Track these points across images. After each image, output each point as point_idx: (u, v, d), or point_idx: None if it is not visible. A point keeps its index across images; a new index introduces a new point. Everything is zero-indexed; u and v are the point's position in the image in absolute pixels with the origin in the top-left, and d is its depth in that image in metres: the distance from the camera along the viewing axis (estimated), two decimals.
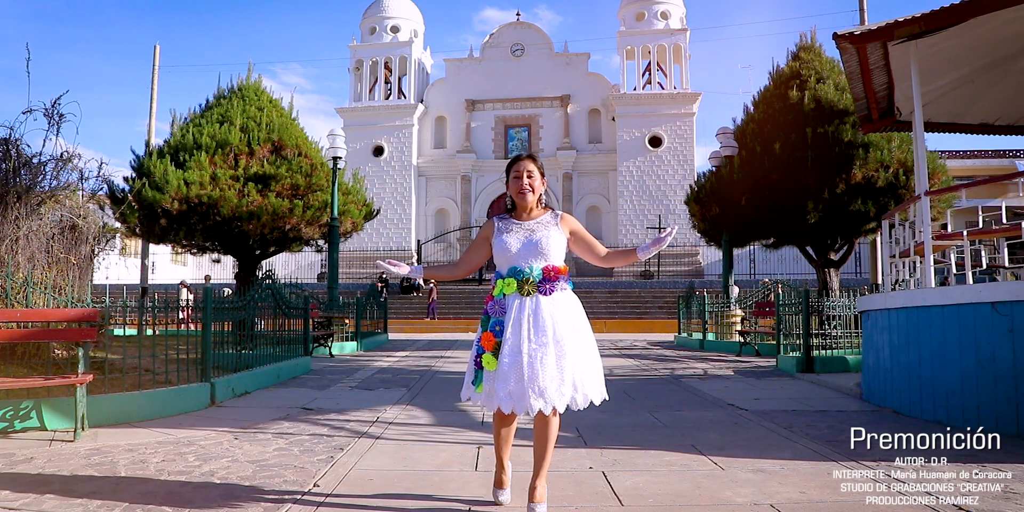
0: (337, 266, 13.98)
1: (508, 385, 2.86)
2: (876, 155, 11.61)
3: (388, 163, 35.49)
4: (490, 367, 2.92)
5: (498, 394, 2.89)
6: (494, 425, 3.12)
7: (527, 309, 2.93)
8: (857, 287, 12.50)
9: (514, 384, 2.85)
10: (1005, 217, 6.77)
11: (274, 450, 4.30)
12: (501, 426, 3.08)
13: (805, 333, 8.88)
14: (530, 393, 2.82)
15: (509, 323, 2.93)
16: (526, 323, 2.91)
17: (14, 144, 6.28)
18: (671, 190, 33.12)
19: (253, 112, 13.52)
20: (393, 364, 10.35)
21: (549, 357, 2.86)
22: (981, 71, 6.98)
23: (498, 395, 2.89)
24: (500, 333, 2.94)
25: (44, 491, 3.32)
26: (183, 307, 6.61)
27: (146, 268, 21.66)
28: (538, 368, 2.83)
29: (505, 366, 2.87)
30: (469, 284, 26.79)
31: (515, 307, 2.95)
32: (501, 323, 2.96)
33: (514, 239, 3.03)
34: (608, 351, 12.70)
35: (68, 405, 4.78)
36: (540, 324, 2.90)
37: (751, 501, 3.21)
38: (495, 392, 2.90)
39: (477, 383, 2.98)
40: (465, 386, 3.07)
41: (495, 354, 2.92)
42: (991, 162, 30.52)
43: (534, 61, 35.92)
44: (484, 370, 2.95)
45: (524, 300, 2.95)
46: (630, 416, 5.65)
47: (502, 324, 2.95)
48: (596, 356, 3.02)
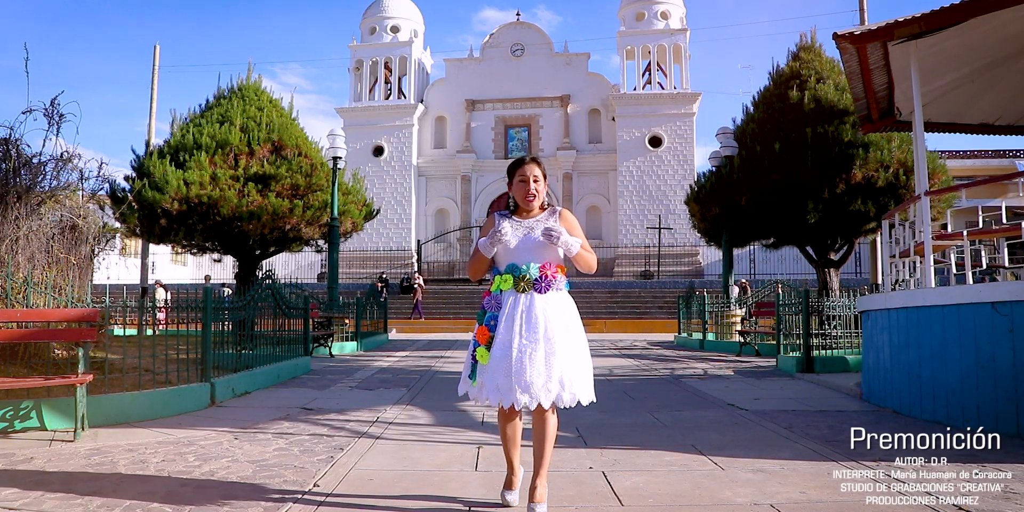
0: (337, 266, 13.99)
1: (497, 378, 2.93)
2: (876, 155, 11.61)
3: (388, 163, 35.48)
4: (483, 360, 2.99)
5: (487, 387, 2.96)
6: (499, 424, 3.14)
7: (521, 305, 2.99)
8: (857, 287, 12.50)
9: (502, 378, 2.92)
10: (1005, 217, 6.76)
11: (274, 450, 4.30)
12: (505, 424, 3.10)
13: (805, 333, 8.88)
14: (516, 387, 2.88)
15: (503, 318, 2.99)
16: (519, 319, 2.96)
17: (14, 144, 6.29)
18: (671, 190, 33.11)
19: (253, 112, 13.52)
20: (393, 364, 10.35)
21: (538, 353, 2.91)
22: (981, 71, 6.98)
23: (487, 387, 2.96)
24: (495, 327, 3.01)
25: (44, 491, 3.32)
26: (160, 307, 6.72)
27: (146, 268, 21.65)
28: (526, 363, 2.89)
29: (495, 360, 2.94)
30: (468, 284, 26.79)
31: (510, 303, 3.01)
32: (496, 318, 3.02)
33: (513, 237, 3.06)
34: (608, 351, 12.70)
35: (68, 405, 4.78)
36: (532, 321, 2.96)
37: (751, 501, 3.21)
38: (484, 384, 2.97)
39: (473, 377, 3.03)
40: (463, 380, 3.12)
41: (488, 348, 2.99)
42: (991, 162, 30.52)
43: (534, 61, 35.91)
44: (478, 363, 3.01)
45: (519, 297, 3.01)
46: (630, 416, 5.65)
47: (497, 319, 3.02)
48: (587, 358, 3.06)
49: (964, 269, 6.35)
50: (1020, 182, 25.44)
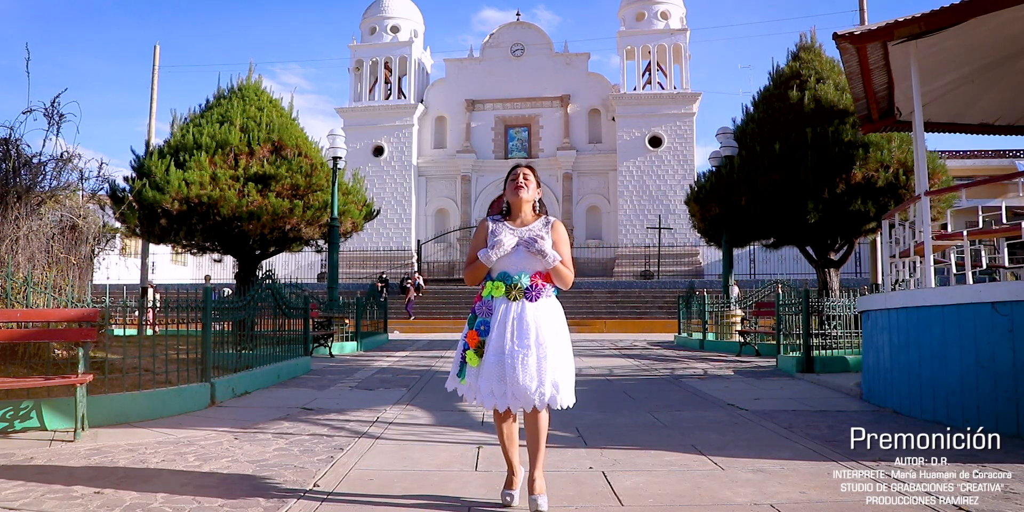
0: (337, 266, 13.99)
1: (491, 383, 3.03)
2: (876, 155, 11.61)
3: (388, 163, 35.47)
4: (472, 363, 3.10)
5: (481, 391, 3.07)
6: (496, 425, 3.21)
7: (512, 313, 3.08)
8: (857, 287, 12.49)
9: (496, 383, 3.02)
10: (1005, 217, 6.76)
11: (274, 450, 4.30)
12: (501, 424, 3.18)
13: (805, 333, 8.88)
14: (510, 392, 3.00)
15: (495, 325, 3.08)
16: (510, 326, 3.06)
17: (14, 144, 6.28)
18: (671, 190, 33.10)
19: (253, 112, 13.52)
20: (393, 364, 10.35)
21: (530, 359, 3.00)
22: (981, 71, 6.98)
23: (481, 392, 3.07)
24: (484, 332, 3.10)
25: (44, 491, 3.32)
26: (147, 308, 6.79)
27: (146, 268, 21.65)
28: (519, 369, 2.98)
29: (489, 365, 3.04)
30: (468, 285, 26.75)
31: (501, 310, 3.10)
32: (487, 323, 3.11)
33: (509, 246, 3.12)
34: (608, 351, 12.70)
35: (68, 405, 4.78)
36: (524, 328, 3.05)
37: (751, 501, 3.21)
38: (478, 388, 3.08)
39: (461, 375, 3.14)
40: (451, 377, 3.25)
41: (477, 351, 3.09)
42: (991, 162, 30.52)
43: (534, 61, 35.91)
44: (467, 365, 3.12)
45: (511, 304, 3.10)
46: (630, 416, 5.65)
47: (487, 324, 3.11)
48: (571, 363, 3.16)
49: (964, 269, 6.35)
50: (1020, 182, 25.44)
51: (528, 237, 3.10)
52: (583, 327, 20.46)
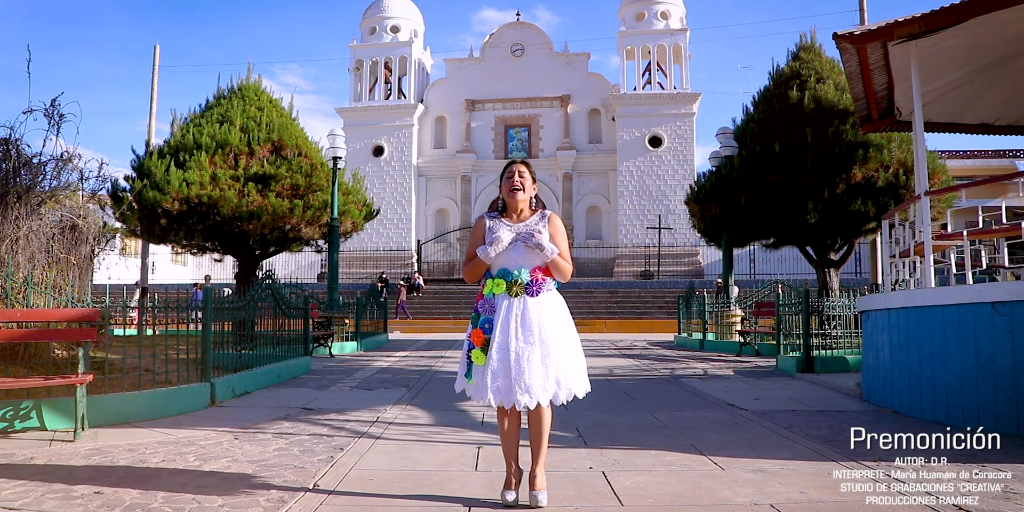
0: (337, 266, 13.99)
1: (497, 381, 3.03)
2: (876, 155, 11.61)
3: (388, 163, 35.47)
4: (479, 362, 3.10)
5: (488, 388, 3.05)
6: (499, 424, 3.22)
7: (515, 310, 3.09)
8: (857, 287, 12.49)
9: (502, 380, 3.03)
10: (1005, 217, 6.75)
11: (274, 450, 4.30)
12: (504, 423, 3.18)
13: (805, 333, 8.88)
14: (516, 389, 3.00)
15: (498, 323, 3.08)
16: (514, 323, 3.06)
17: (14, 144, 6.29)
18: (671, 190, 33.10)
19: (253, 112, 13.52)
20: (393, 364, 10.35)
21: (535, 355, 3.01)
22: (981, 71, 6.98)
23: (488, 389, 3.05)
24: (488, 330, 3.11)
25: (44, 491, 3.32)
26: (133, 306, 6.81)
27: (146, 268, 21.65)
28: (524, 366, 2.99)
29: (494, 363, 3.04)
30: (467, 285, 26.76)
31: (504, 307, 3.10)
32: (490, 321, 3.11)
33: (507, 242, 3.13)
34: (608, 351, 12.71)
35: (68, 405, 4.78)
36: (527, 324, 3.06)
37: (751, 501, 3.21)
38: (485, 386, 3.06)
39: (469, 376, 3.15)
40: (459, 378, 3.25)
41: (483, 350, 3.10)
42: (991, 162, 30.53)
43: (534, 61, 35.91)
44: (474, 365, 3.11)
45: (512, 301, 3.11)
46: (630, 416, 5.65)
47: (491, 322, 3.11)
48: (580, 352, 3.18)
49: (964, 269, 6.35)
50: (1020, 182, 25.45)
51: (525, 232, 3.11)
52: (583, 327, 20.36)
